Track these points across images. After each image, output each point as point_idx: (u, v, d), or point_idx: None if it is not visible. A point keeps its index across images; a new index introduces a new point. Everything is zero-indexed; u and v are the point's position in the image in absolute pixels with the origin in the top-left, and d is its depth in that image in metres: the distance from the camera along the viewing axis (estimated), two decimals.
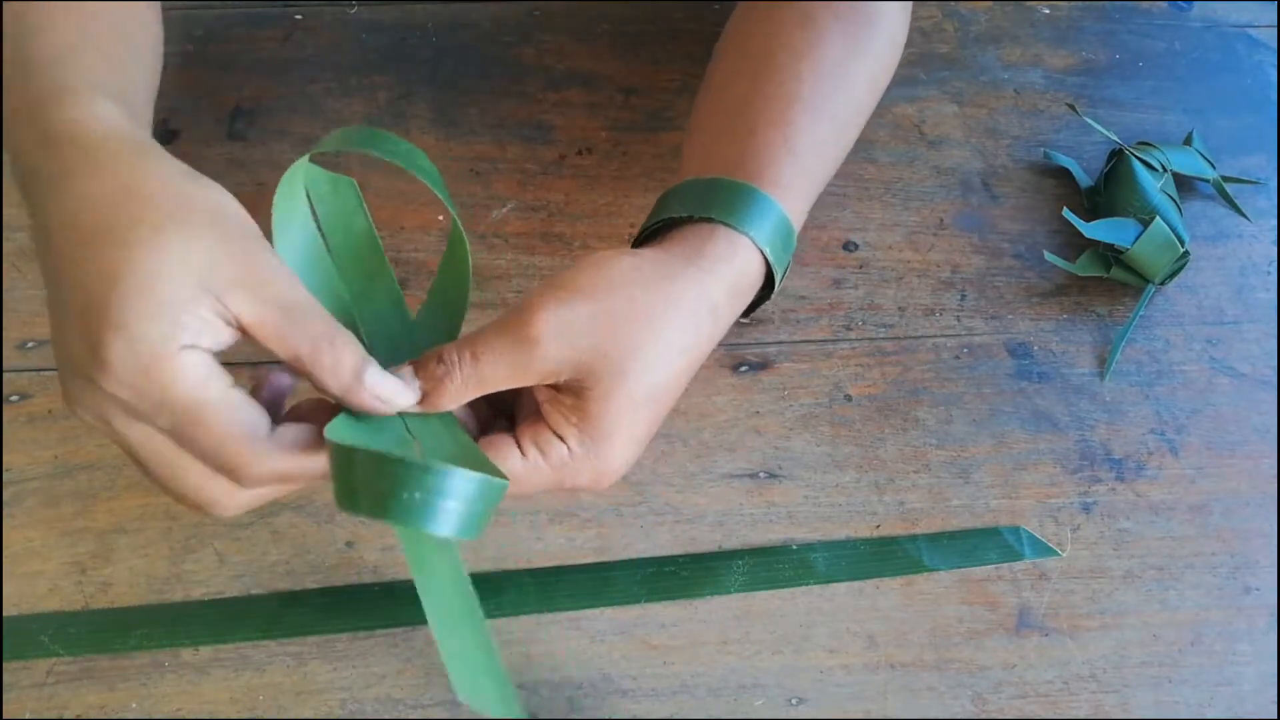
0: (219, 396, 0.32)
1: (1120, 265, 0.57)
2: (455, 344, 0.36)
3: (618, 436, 0.37)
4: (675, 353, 0.38)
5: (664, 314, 0.37)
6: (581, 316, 0.36)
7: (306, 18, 0.62)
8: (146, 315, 0.31)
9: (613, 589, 0.47)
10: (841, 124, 0.46)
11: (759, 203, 0.41)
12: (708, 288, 0.39)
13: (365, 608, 0.46)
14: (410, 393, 0.35)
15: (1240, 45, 0.68)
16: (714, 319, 0.39)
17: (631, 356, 0.36)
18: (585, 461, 0.37)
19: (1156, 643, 0.48)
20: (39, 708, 0.43)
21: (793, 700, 0.46)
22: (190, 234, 0.32)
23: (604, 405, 0.36)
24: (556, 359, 0.35)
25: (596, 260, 0.38)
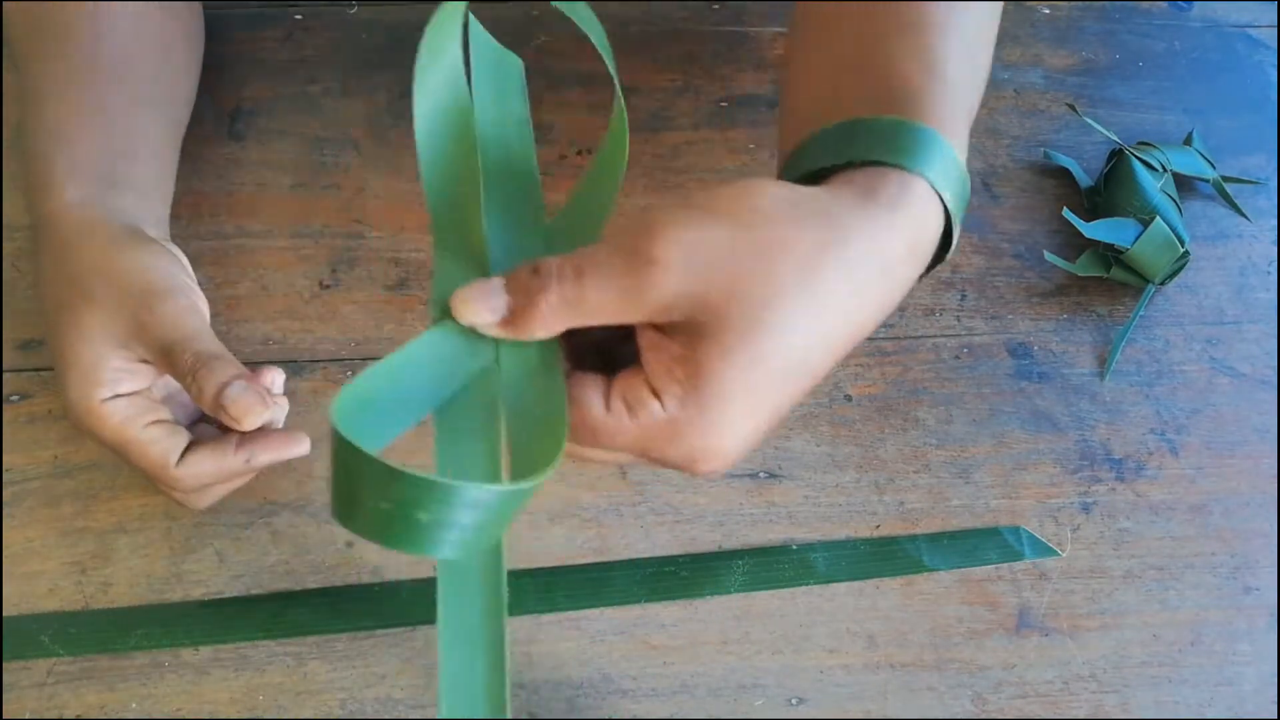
0: (135, 435, 0.41)
1: (1120, 265, 0.57)
2: (560, 258, 0.29)
3: (732, 406, 0.29)
4: (830, 313, 0.29)
5: (820, 259, 0.29)
6: (716, 242, 0.28)
7: (306, 18, 0.62)
8: (74, 380, 0.41)
9: (613, 589, 0.47)
10: (975, 50, 0.38)
11: (926, 139, 0.32)
12: (881, 242, 0.30)
13: (365, 608, 0.46)
14: (491, 310, 0.29)
15: (1240, 45, 0.68)
16: (888, 281, 0.31)
17: (771, 305, 0.28)
18: (683, 430, 0.29)
19: (1156, 643, 0.48)
20: (39, 708, 0.43)
21: (793, 700, 0.46)
22: (95, 306, 0.41)
23: (722, 361, 0.28)
24: (675, 289, 0.28)
25: (743, 183, 0.30)
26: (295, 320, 0.52)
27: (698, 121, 0.60)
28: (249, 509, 0.48)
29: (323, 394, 0.50)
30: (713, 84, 0.62)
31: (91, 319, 0.41)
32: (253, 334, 0.52)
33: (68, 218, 0.43)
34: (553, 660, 0.46)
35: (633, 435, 0.30)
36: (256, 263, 0.53)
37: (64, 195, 0.44)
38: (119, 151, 0.46)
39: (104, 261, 0.42)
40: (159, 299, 0.41)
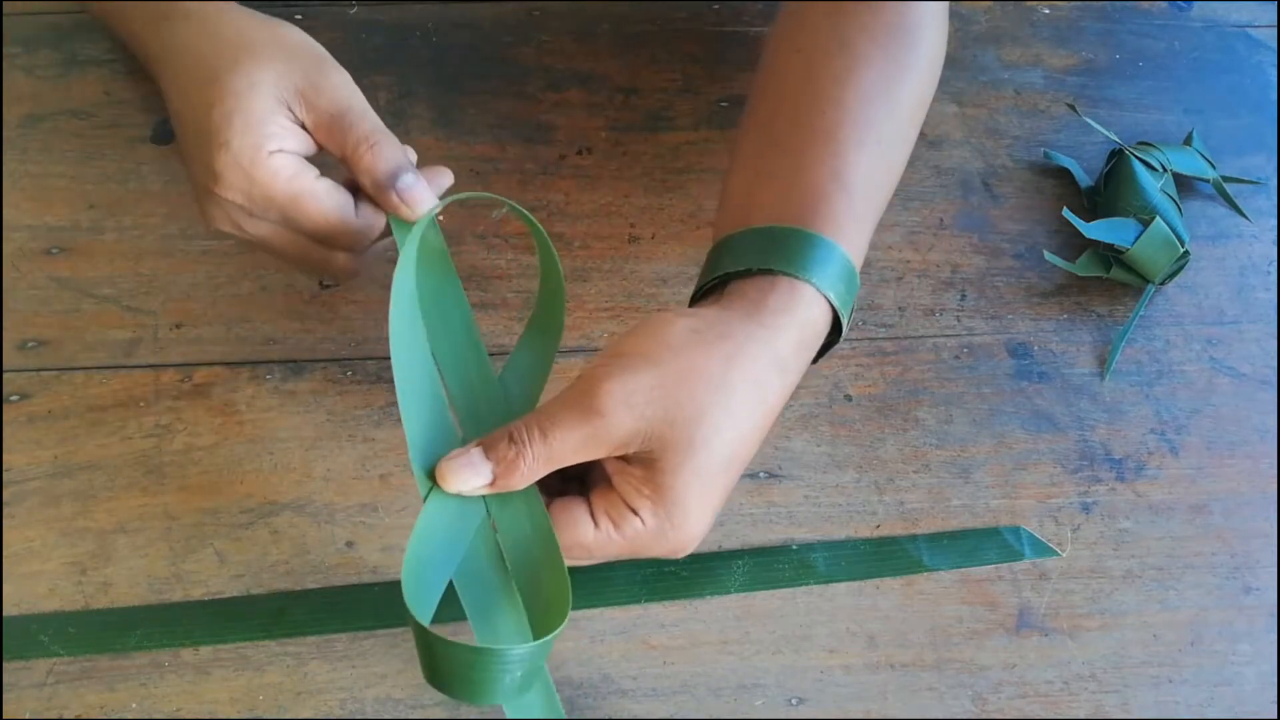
0: (309, 187, 0.40)
1: (1120, 265, 0.57)
2: (524, 422, 0.36)
3: (691, 506, 0.36)
4: (743, 414, 0.36)
5: (726, 375, 0.36)
6: (645, 384, 0.35)
7: (306, 18, 0.62)
8: (240, 129, 0.39)
9: (613, 589, 0.47)
10: (890, 150, 0.44)
11: (817, 247, 0.39)
12: (771, 343, 0.37)
13: (365, 608, 0.46)
14: (481, 475, 0.36)
15: (1240, 45, 0.68)
16: (781, 373, 0.38)
17: (698, 423, 0.35)
18: (659, 533, 0.36)
19: (1156, 643, 0.48)
20: (39, 708, 0.43)
21: (793, 700, 0.46)
22: (264, 62, 0.40)
23: (675, 477, 0.36)
24: (624, 430, 0.35)
25: (655, 323, 0.37)
26: (295, 320, 0.52)
27: (698, 121, 0.60)
28: (249, 509, 0.48)
29: (322, 394, 0.50)
30: (713, 84, 0.62)
31: (262, 73, 0.40)
32: (253, 334, 0.52)
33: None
34: (553, 660, 0.46)
35: (620, 546, 0.37)
36: (257, 263, 0.53)
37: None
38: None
39: (268, 28, 0.42)
40: (332, 65, 0.42)
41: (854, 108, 0.42)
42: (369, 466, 0.49)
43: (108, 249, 0.53)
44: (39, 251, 0.53)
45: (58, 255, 0.53)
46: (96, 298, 0.52)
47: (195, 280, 0.53)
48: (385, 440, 0.50)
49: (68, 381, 0.50)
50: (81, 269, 0.53)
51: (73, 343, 0.51)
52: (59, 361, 0.50)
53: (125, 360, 0.51)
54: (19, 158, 0.55)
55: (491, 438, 0.37)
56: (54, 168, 0.55)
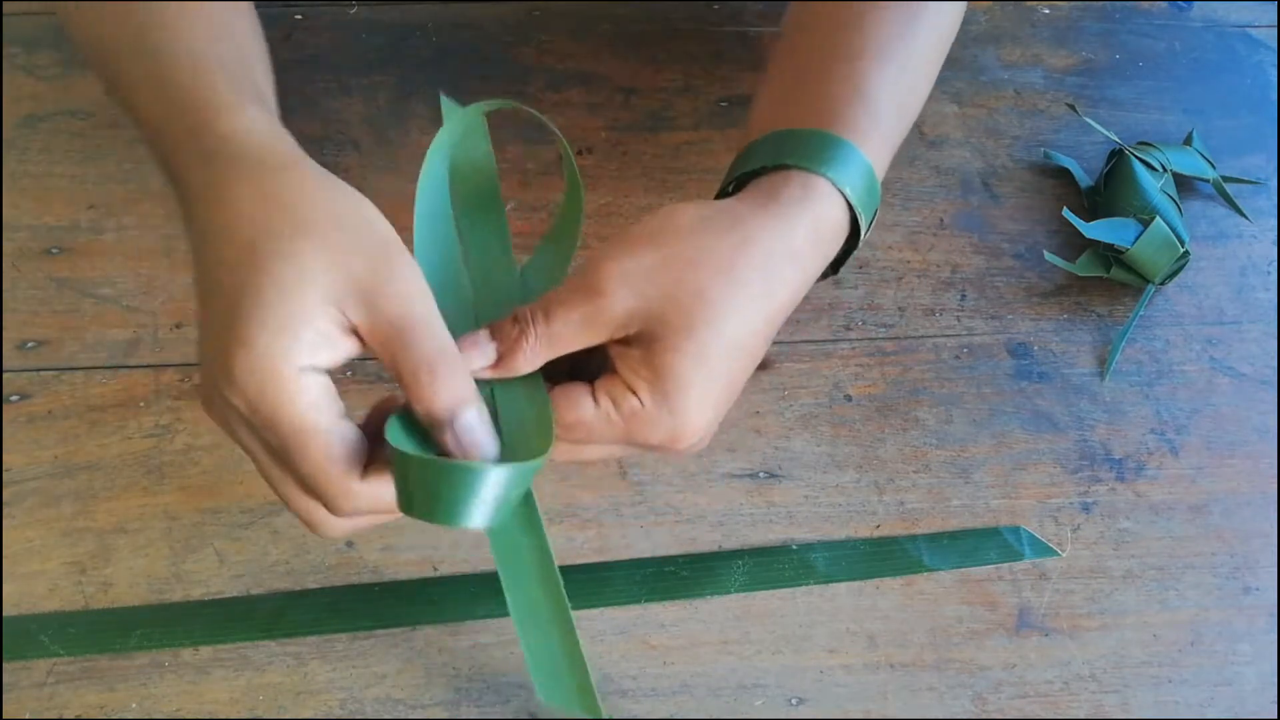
0: (325, 426, 0.32)
1: (1120, 265, 0.57)
2: (529, 306, 0.36)
3: (691, 391, 0.35)
4: (751, 301, 0.36)
5: (734, 259, 0.35)
6: (646, 264, 0.35)
7: (306, 18, 0.62)
8: (271, 330, 0.31)
9: (613, 589, 0.47)
10: (910, 80, 0.44)
11: (833, 145, 0.38)
12: (784, 233, 0.37)
13: (365, 608, 0.46)
14: (485, 356, 0.36)
15: (1240, 45, 0.68)
16: (796, 265, 0.37)
17: (701, 304, 0.34)
18: (659, 417, 0.35)
19: (1156, 643, 0.48)
20: (39, 708, 0.43)
21: (793, 700, 0.46)
22: (319, 244, 0.32)
23: (673, 356, 0.34)
24: (624, 310, 0.34)
25: (666, 210, 0.37)
26: None
27: (698, 121, 0.60)
28: (249, 509, 0.48)
29: None
30: (713, 84, 0.62)
31: (316, 260, 0.32)
32: None
33: (259, 136, 0.35)
34: None
35: (620, 427, 0.35)
36: None
37: (245, 111, 0.36)
38: (259, 84, 0.39)
39: (334, 198, 0.34)
40: (405, 261, 0.33)
41: (877, 34, 0.42)
42: None
43: (108, 249, 0.53)
44: (39, 251, 0.53)
45: (58, 255, 0.53)
46: (96, 298, 0.52)
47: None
48: None
49: (68, 381, 0.50)
50: (81, 269, 0.53)
51: (73, 343, 0.51)
52: (59, 361, 0.50)
53: (125, 360, 0.51)
54: (19, 158, 0.55)
55: (498, 321, 0.36)
56: (54, 168, 0.55)
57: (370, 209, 0.34)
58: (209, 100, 0.36)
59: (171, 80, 0.37)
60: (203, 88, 0.36)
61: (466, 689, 0.45)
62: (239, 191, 0.33)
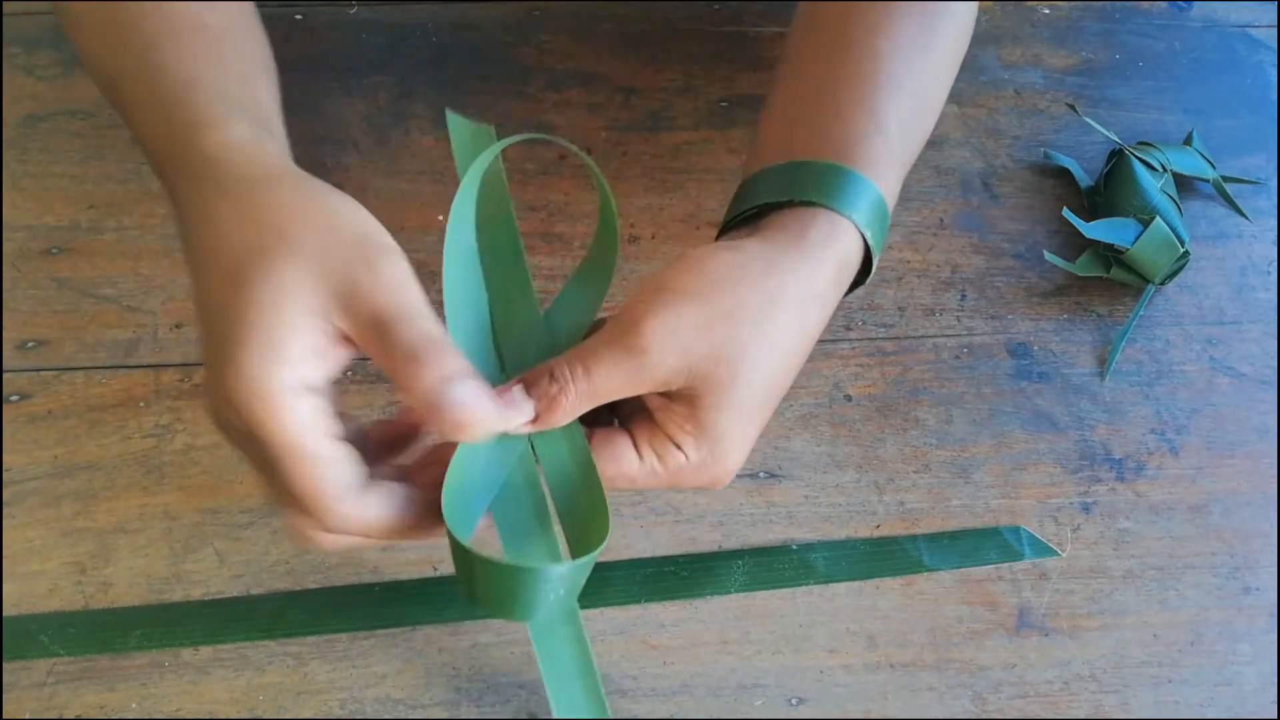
0: (314, 449, 0.31)
1: (1120, 265, 0.57)
2: (566, 359, 0.35)
3: (734, 440, 0.36)
4: (785, 349, 0.37)
5: (771, 310, 0.36)
6: (689, 322, 0.35)
7: (306, 18, 0.62)
8: (257, 351, 0.31)
9: (613, 589, 0.47)
10: (923, 101, 0.44)
11: (855, 183, 0.39)
12: (812, 276, 0.37)
13: (365, 608, 0.46)
14: (523, 413, 0.35)
15: (1240, 45, 0.68)
16: (820, 307, 0.38)
17: (742, 360, 0.35)
18: (701, 466, 0.37)
19: (1156, 643, 0.48)
20: (39, 708, 0.43)
21: (793, 700, 0.46)
22: (296, 257, 0.32)
23: (719, 413, 0.36)
24: (669, 367, 0.35)
25: (697, 259, 0.36)
26: None
27: (698, 121, 0.60)
28: (249, 509, 0.48)
29: None
30: (713, 84, 0.62)
31: (297, 273, 0.32)
32: None
33: (242, 153, 0.35)
34: None
35: (662, 478, 0.37)
36: None
37: (230, 128, 0.35)
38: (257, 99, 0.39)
39: (313, 205, 0.34)
40: (383, 255, 0.33)
41: (890, 55, 0.42)
42: None
43: (108, 249, 0.53)
44: (39, 251, 0.53)
45: (58, 255, 0.53)
46: (96, 298, 0.52)
47: None
48: None
49: (68, 381, 0.50)
50: (81, 269, 0.53)
51: (73, 343, 0.51)
52: (59, 361, 0.50)
53: (125, 360, 0.51)
54: (19, 158, 0.55)
55: (533, 374, 0.36)
56: (54, 168, 0.55)
57: (348, 206, 0.34)
58: (196, 119, 0.36)
59: (163, 100, 0.37)
60: (190, 106, 0.36)
61: (466, 689, 0.45)
62: (221, 211, 0.33)
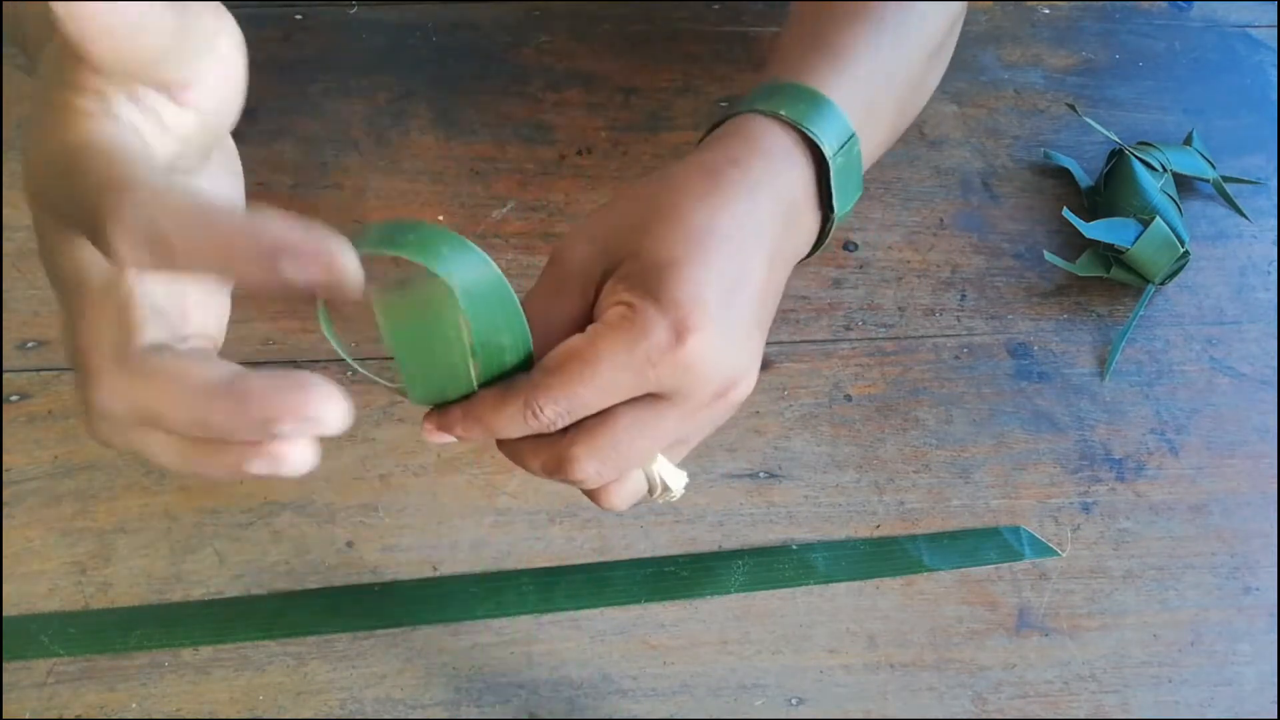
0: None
1: (1120, 265, 0.57)
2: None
3: (676, 270, 0.31)
4: (720, 209, 0.33)
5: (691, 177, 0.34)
6: (599, 214, 0.34)
7: (306, 18, 0.62)
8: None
9: (613, 589, 0.47)
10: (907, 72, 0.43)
11: (824, 107, 0.37)
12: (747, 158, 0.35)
13: (365, 608, 0.46)
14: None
15: (1240, 45, 0.68)
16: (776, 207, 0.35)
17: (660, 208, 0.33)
18: (649, 312, 0.31)
19: (1156, 643, 0.48)
20: (39, 708, 0.43)
21: (793, 700, 0.46)
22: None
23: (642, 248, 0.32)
24: (583, 256, 0.33)
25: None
26: (295, 320, 0.52)
27: (698, 121, 0.60)
28: (249, 509, 0.48)
29: None
30: (712, 84, 0.62)
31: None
32: (253, 334, 0.52)
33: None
34: (553, 660, 0.46)
35: (614, 344, 0.30)
36: None
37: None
38: None
39: None
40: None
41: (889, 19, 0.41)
42: (369, 466, 0.49)
43: None
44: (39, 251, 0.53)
45: None
46: None
47: None
48: (385, 440, 0.50)
49: (68, 381, 0.50)
50: None
51: None
52: (59, 361, 0.50)
53: None
54: (19, 158, 0.55)
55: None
56: None
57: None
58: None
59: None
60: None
61: (466, 689, 0.45)
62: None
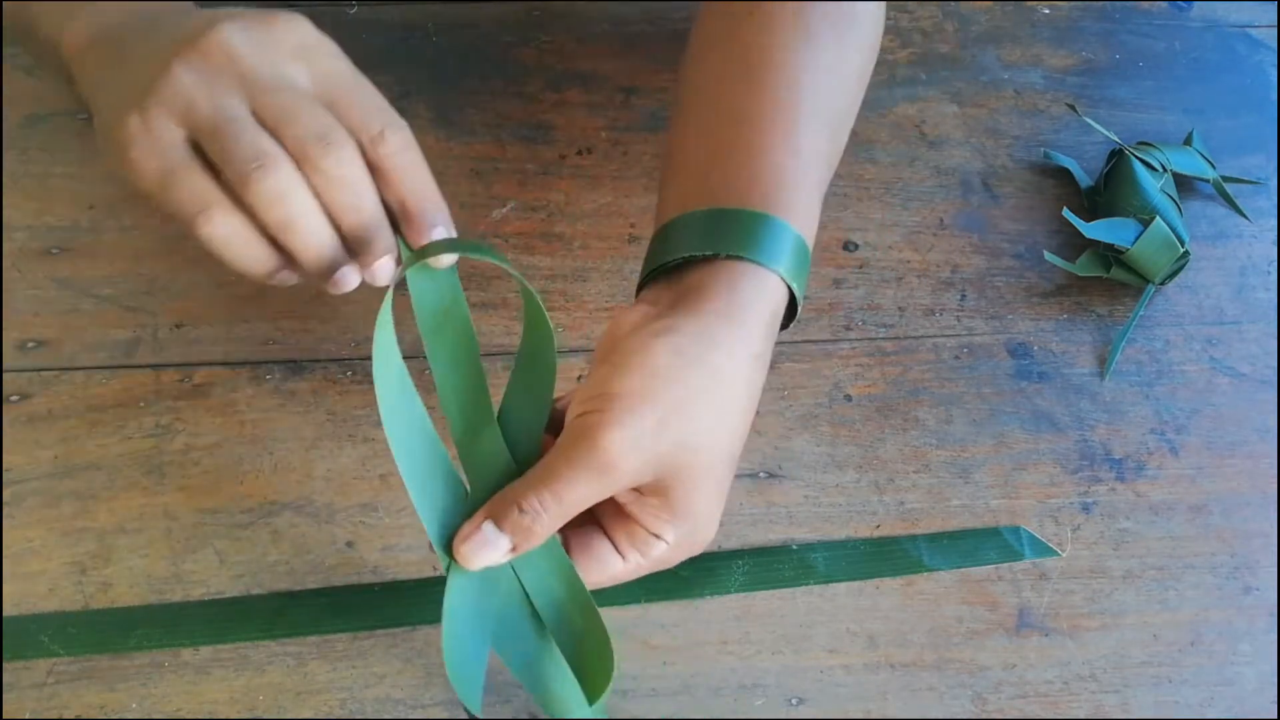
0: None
1: (1120, 265, 0.57)
2: (532, 487, 0.36)
3: (709, 512, 0.38)
4: (738, 415, 0.38)
5: (719, 387, 0.37)
6: (647, 424, 0.35)
7: None
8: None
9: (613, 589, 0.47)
10: (838, 128, 0.44)
11: (779, 232, 0.38)
12: (749, 340, 0.38)
13: (365, 608, 0.46)
14: (499, 549, 0.37)
15: (1240, 45, 0.68)
16: (759, 365, 0.38)
17: (703, 442, 0.36)
18: (680, 547, 0.38)
19: (1156, 643, 0.48)
20: (39, 708, 0.43)
21: (793, 700, 0.46)
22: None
23: (690, 495, 0.37)
24: (635, 471, 0.35)
25: (637, 353, 0.36)
26: (295, 320, 0.52)
27: None
28: (249, 509, 0.48)
29: (322, 394, 0.50)
30: None
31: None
32: (253, 334, 0.52)
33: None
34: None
35: (649, 567, 0.38)
36: None
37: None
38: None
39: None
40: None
41: (810, 85, 0.42)
42: (369, 466, 0.49)
43: (108, 249, 0.53)
44: (39, 251, 0.53)
45: (58, 255, 0.53)
46: (96, 298, 0.52)
47: (195, 280, 0.53)
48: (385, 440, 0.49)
49: (68, 381, 0.50)
50: (81, 269, 0.53)
51: (73, 343, 0.51)
52: (59, 361, 0.50)
53: (125, 360, 0.51)
54: (19, 158, 0.55)
55: (499, 505, 0.37)
56: (54, 168, 0.55)
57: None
58: None
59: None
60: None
61: None
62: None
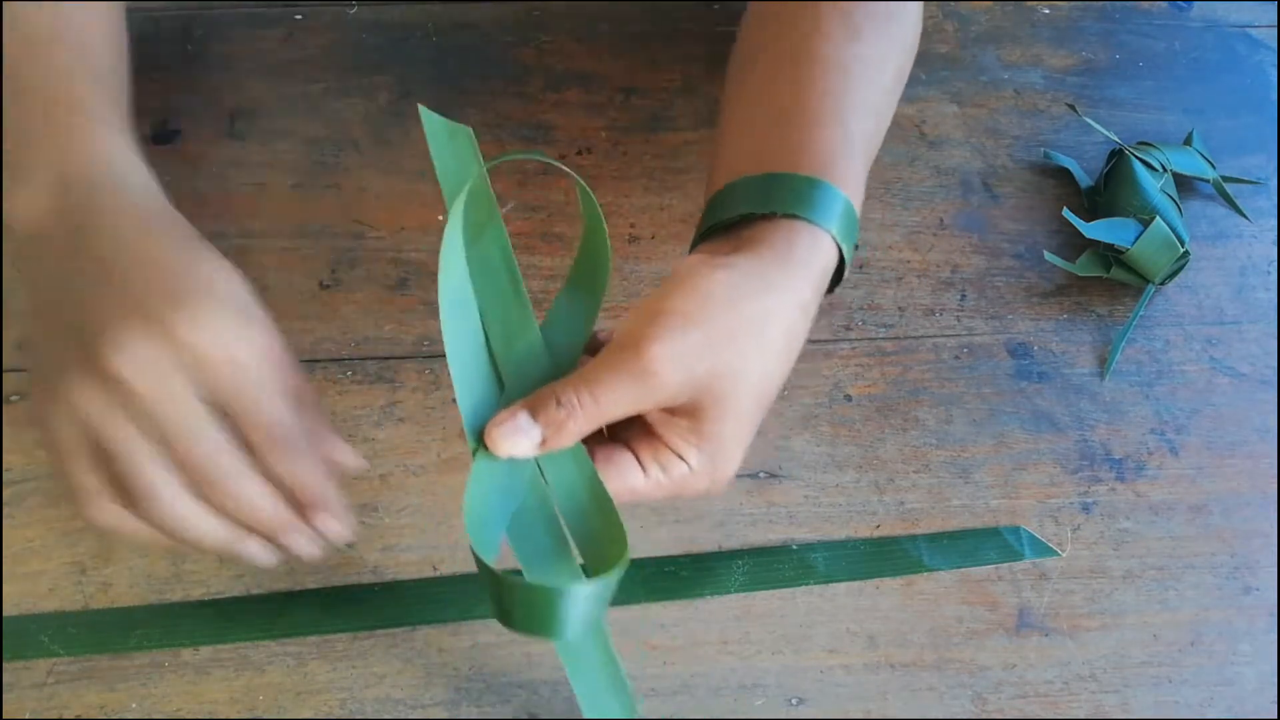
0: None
1: (1120, 265, 0.57)
2: (571, 384, 0.37)
3: (735, 449, 0.38)
4: (779, 359, 0.39)
5: (766, 326, 0.38)
6: (692, 343, 0.36)
7: (306, 18, 0.62)
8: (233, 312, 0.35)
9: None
10: (880, 119, 0.47)
11: (831, 196, 0.41)
12: (799, 290, 0.39)
13: (365, 608, 0.46)
14: (531, 439, 0.37)
15: (1240, 45, 0.68)
16: (806, 317, 0.40)
17: (743, 374, 0.37)
18: (704, 474, 0.38)
19: (1156, 643, 0.48)
20: (39, 708, 0.43)
21: (793, 700, 0.46)
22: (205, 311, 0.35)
23: (721, 423, 0.37)
24: (675, 386, 0.36)
25: (693, 279, 0.38)
26: (295, 320, 0.52)
27: (698, 121, 0.60)
28: None
29: (322, 394, 0.50)
30: (712, 84, 0.62)
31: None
32: None
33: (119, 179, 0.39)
34: (553, 660, 0.46)
35: (669, 488, 0.38)
36: (257, 263, 0.53)
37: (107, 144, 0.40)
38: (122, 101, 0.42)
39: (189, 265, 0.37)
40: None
41: (857, 75, 0.45)
42: (369, 466, 0.49)
43: None
44: None
45: None
46: None
47: None
48: (385, 440, 0.50)
49: None
50: None
51: None
52: None
53: None
54: None
55: (538, 399, 0.37)
56: None
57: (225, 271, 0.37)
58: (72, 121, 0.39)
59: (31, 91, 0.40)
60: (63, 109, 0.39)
61: (466, 689, 0.45)
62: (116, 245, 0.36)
